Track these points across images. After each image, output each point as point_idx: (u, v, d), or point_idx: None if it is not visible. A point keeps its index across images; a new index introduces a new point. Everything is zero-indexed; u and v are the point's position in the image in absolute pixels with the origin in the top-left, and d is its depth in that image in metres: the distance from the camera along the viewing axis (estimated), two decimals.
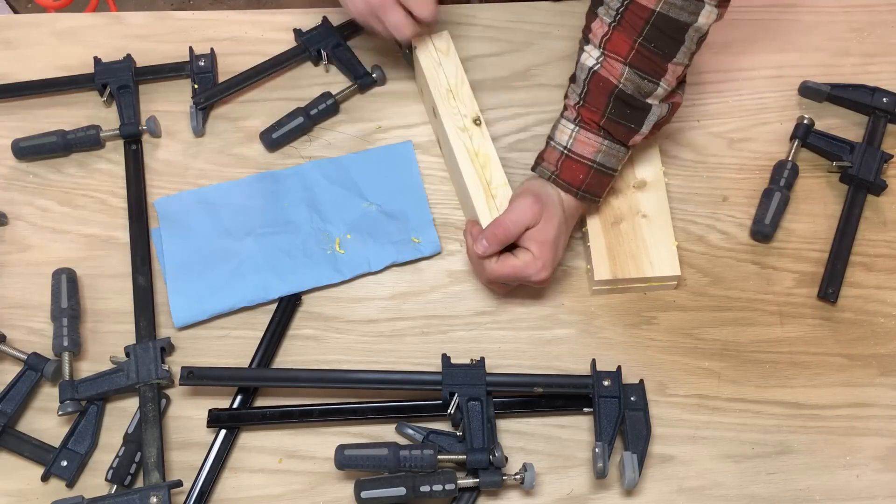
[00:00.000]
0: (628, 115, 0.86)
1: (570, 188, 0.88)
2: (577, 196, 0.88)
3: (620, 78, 0.84)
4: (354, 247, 0.95)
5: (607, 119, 0.86)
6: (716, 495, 0.85)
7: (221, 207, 0.97)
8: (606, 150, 0.87)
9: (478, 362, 0.86)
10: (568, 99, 0.89)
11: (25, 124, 1.02)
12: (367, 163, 1.00)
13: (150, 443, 0.84)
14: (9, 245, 0.96)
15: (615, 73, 0.84)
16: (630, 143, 0.88)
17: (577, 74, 0.88)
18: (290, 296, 0.93)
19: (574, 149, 0.87)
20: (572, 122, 0.88)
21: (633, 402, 0.85)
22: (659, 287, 0.93)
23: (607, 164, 0.88)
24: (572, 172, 0.87)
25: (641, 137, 0.88)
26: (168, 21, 1.10)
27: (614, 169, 0.89)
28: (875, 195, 0.99)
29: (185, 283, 0.93)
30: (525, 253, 0.86)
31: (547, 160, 0.89)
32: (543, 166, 0.89)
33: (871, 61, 1.07)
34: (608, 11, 0.84)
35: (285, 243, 0.95)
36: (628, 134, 0.87)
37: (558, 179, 0.88)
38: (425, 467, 0.80)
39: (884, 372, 0.91)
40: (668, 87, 0.86)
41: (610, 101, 0.85)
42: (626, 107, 0.85)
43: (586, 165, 0.87)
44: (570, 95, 0.89)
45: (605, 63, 0.85)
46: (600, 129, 0.87)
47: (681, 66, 0.86)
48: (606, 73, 0.85)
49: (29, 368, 0.87)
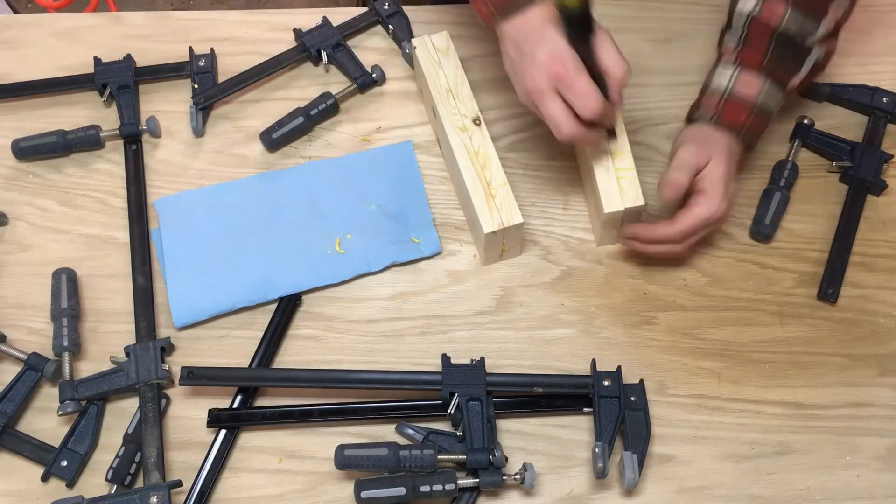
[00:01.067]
0: (789, 56, 0.89)
1: (733, 127, 0.89)
2: (739, 136, 0.89)
3: (783, 19, 0.87)
4: (354, 247, 0.95)
5: (769, 59, 0.88)
6: (716, 495, 0.85)
7: (221, 207, 0.97)
8: (769, 90, 0.89)
9: (478, 362, 0.86)
10: (724, 46, 0.92)
11: (25, 124, 1.02)
12: (368, 163, 1.00)
13: (150, 443, 0.84)
14: (9, 245, 0.96)
15: (777, 13, 0.87)
16: (790, 85, 0.90)
17: (732, 22, 0.91)
18: (290, 296, 0.93)
19: (736, 89, 0.89)
20: (732, 64, 0.90)
21: (633, 402, 0.85)
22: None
23: (767, 105, 0.90)
24: (735, 113, 0.89)
25: (800, 79, 0.91)
26: (168, 21, 1.10)
27: (772, 112, 0.91)
28: (875, 195, 0.99)
29: (185, 282, 0.92)
30: (699, 195, 0.86)
31: (705, 105, 0.91)
32: (701, 111, 0.91)
33: (871, 61, 1.07)
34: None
35: (285, 243, 0.95)
36: (789, 74, 0.90)
37: (721, 120, 0.89)
38: (425, 467, 0.80)
39: (884, 372, 0.91)
40: (826, 29, 0.89)
41: (772, 42, 0.88)
42: (788, 47, 0.88)
43: (748, 105, 0.89)
44: (727, 42, 0.92)
45: (765, 6, 0.88)
46: (762, 70, 0.89)
47: (840, 8, 0.89)
48: (768, 16, 0.88)
49: (29, 368, 0.87)
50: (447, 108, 0.94)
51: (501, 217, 0.88)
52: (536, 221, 0.98)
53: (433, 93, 0.95)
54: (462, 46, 1.05)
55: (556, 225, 0.98)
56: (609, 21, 0.98)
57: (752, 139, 0.90)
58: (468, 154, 0.92)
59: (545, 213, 0.98)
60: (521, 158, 1.01)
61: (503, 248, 0.93)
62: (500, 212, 0.88)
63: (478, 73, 1.05)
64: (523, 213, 0.89)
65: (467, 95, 0.95)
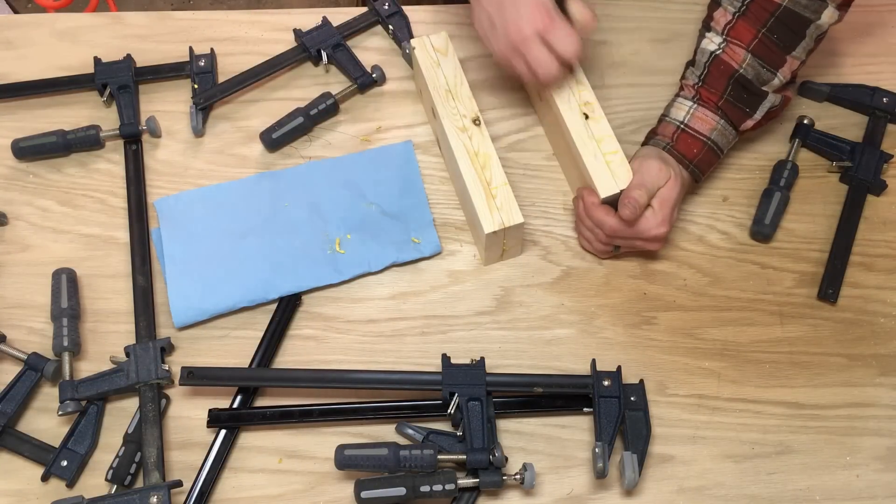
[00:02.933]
0: (745, 100, 0.92)
1: (683, 160, 0.91)
2: (688, 169, 0.91)
3: (742, 63, 0.90)
4: (354, 247, 0.95)
5: (725, 100, 0.92)
6: (716, 495, 0.85)
7: (222, 207, 0.97)
8: (721, 129, 0.92)
9: (478, 362, 0.86)
10: (686, 80, 0.95)
11: (25, 124, 1.02)
12: (368, 163, 1.00)
13: (150, 443, 0.84)
14: (9, 245, 0.96)
15: (737, 58, 0.91)
16: (742, 128, 0.93)
17: (697, 59, 0.94)
18: (290, 296, 0.93)
19: (691, 124, 0.93)
20: (690, 99, 0.94)
21: (633, 402, 0.86)
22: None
23: (719, 143, 0.93)
24: (687, 146, 0.92)
25: (753, 123, 0.94)
26: (168, 21, 1.10)
27: (723, 150, 0.94)
28: (875, 195, 0.99)
29: (186, 283, 0.92)
30: (647, 209, 0.88)
31: (661, 133, 0.94)
32: (657, 139, 0.93)
33: (871, 61, 1.07)
34: (733, 2, 0.91)
35: (285, 243, 0.95)
36: (742, 117, 0.93)
37: (673, 150, 0.91)
38: (425, 467, 0.80)
39: (884, 372, 0.91)
40: (783, 78, 0.92)
41: (729, 84, 0.91)
42: (743, 91, 0.91)
43: (701, 141, 0.92)
44: (689, 77, 0.95)
45: (728, 48, 0.91)
46: (718, 109, 0.92)
47: (798, 60, 0.92)
48: (728, 58, 0.91)
49: (29, 368, 0.87)
50: (447, 108, 0.94)
51: (502, 217, 0.88)
52: (536, 221, 0.98)
53: (432, 93, 0.95)
54: (461, 46, 1.05)
55: (556, 225, 0.98)
56: (609, 21, 1.00)
57: (699, 173, 0.93)
58: (468, 154, 0.92)
59: (545, 213, 0.99)
60: (521, 158, 1.01)
61: (504, 248, 0.93)
62: (500, 212, 0.88)
63: (477, 73, 1.05)
64: (523, 213, 0.89)
65: (467, 96, 0.95)
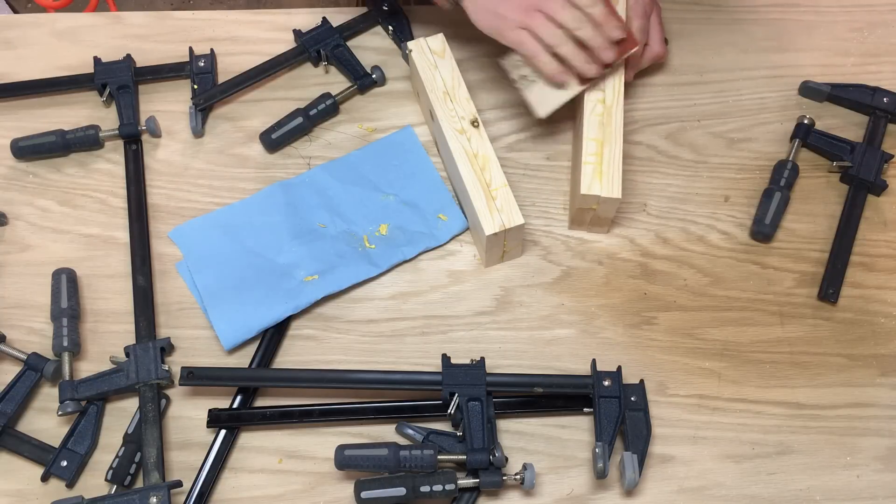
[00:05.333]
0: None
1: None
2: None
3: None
4: (384, 240, 0.95)
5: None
6: (716, 495, 0.85)
7: (240, 228, 0.96)
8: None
9: (478, 362, 0.86)
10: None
11: (25, 124, 1.02)
12: (374, 155, 1.00)
13: (150, 443, 0.84)
14: (9, 245, 0.96)
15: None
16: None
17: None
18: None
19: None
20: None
21: (634, 402, 0.85)
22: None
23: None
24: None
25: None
26: (168, 21, 1.10)
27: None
28: (875, 195, 0.99)
29: (226, 308, 0.91)
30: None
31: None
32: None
33: (871, 61, 1.07)
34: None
35: (316, 251, 0.94)
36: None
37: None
38: (425, 467, 0.80)
39: (884, 372, 0.91)
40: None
41: None
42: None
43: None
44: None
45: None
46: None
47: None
48: None
49: (29, 368, 0.87)
50: (445, 110, 0.94)
51: (502, 218, 0.88)
52: (536, 221, 0.98)
53: (430, 96, 0.94)
54: (460, 47, 1.05)
55: (556, 225, 0.98)
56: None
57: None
58: (467, 156, 0.91)
59: (545, 213, 0.98)
60: (520, 158, 1.01)
61: (504, 249, 0.93)
62: (500, 213, 0.88)
63: (475, 74, 1.05)
64: (523, 214, 0.89)
65: (464, 97, 0.94)
